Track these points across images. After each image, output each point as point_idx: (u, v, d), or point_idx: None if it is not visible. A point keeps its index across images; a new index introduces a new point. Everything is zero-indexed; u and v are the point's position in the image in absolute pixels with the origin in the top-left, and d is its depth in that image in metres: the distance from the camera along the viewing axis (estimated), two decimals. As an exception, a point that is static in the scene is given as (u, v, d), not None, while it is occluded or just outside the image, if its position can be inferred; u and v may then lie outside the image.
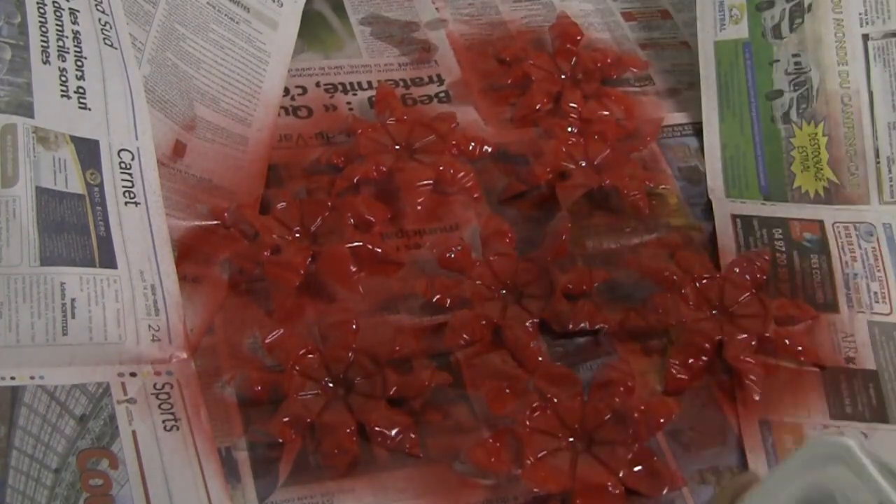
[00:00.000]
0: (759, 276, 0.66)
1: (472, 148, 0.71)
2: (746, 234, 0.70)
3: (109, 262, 0.59)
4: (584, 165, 0.71)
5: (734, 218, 0.70)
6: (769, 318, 0.63)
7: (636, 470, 0.56)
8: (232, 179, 0.68)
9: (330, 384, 0.59)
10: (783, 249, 0.69)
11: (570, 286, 0.64)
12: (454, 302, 0.63)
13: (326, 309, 0.63)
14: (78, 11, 0.65)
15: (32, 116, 0.60)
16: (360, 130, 0.70)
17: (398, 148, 0.70)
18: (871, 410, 0.61)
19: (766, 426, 0.60)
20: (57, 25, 0.63)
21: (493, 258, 0.65)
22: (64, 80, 0.62)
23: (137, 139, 0.64)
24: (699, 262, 0.67)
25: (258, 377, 0.58)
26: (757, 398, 0.61)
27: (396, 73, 0.78)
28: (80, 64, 0.63)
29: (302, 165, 0.70)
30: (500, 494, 0.56)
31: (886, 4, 0.73)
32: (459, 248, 0.65)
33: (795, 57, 0.74)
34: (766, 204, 0.71)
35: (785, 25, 0.75)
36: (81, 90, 0.63)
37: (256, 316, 0.62)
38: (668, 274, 0.65)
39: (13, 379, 0.54)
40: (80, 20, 0.64)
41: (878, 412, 0.61)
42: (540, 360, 0.61)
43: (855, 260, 0.68)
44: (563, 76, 0.77)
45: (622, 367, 0.60)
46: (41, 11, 0.63)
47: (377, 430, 0.57)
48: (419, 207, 0.68)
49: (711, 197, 0.72)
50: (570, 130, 0.73)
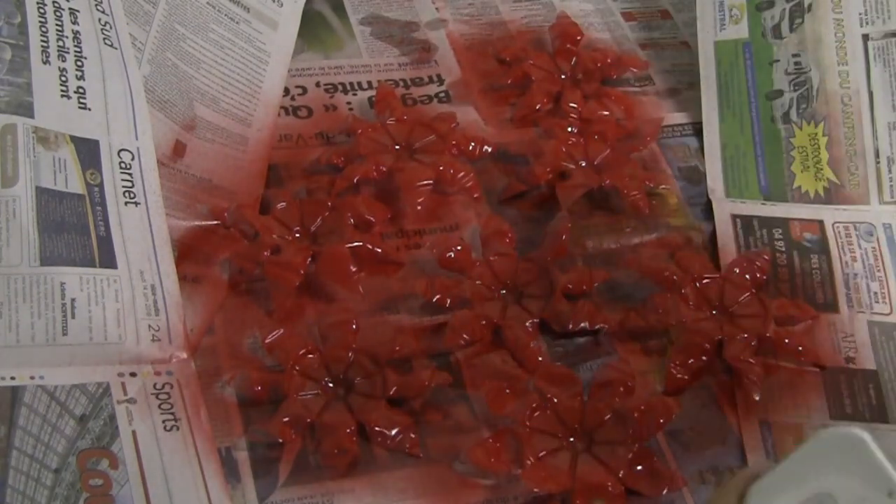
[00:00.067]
0: (759, 276, 0.66)
1: (472, 148, 0.71)
2: (746, 234, 0.70)
3: (109, 262, 0.59)
4: (584, 165, 0.71)
5: (734, 218, 0.70)
6: (769, 318, 0.63)
7: (636, 470, 0.56)
8: (232, 179, 0.68)
9: (330, 384, 0.59)
10: (783, 249, 0.69)
11: (570, 286, 0.64)
12: (454, 302, 0.63)
13: (326, 309, 0.63)
14: (78, 11, 0.65)
15: (32, 116, 0.60)
16: (360, 130, 0.70)
17: (398, 148, 0.70)
18: (871, 410, 0.61)
19: (766, 426, 0.60)
20: (57, 25, 0.63)
21: (493, 258, 0.65)
22: (64, 80, 0.62)
23: (137, 139, 0.64)
24: (699, 262, 0.67)
25: (258, 377, 0.58)
26: (757, 398, 0.61)
27: (396, 73, 0.78)
28: (80, 64, 0.63)
29: (302, 165, 0.70)
30: (500, 494, 0.56)
31: (886, 4, 0.73)
32: (459, 248, 0.65)
33: (795, 57, 0.74)
34: (766, 204, 0.71)
35: (785, 25, 0.75)
36: (81, 90, 0.63)
37: (256, 316, 0.62)
38: (668, 274, 0.65)
39: (13, 379, 0.54)
40: (80, 20, 0.64)
41: (878, 412, 0.61)
42: (540, 360, 0.61)
43: (855, 260, 0.68)
44: (563, 76, 0.77)
45: (622, 367, 0.60)
46: (41, 11, 0.63)
47: (377, 430, 0.57)
48: (419, 207, 0.68)
49: (711, 197, 0.72)
50: (570, 130, 0.73)
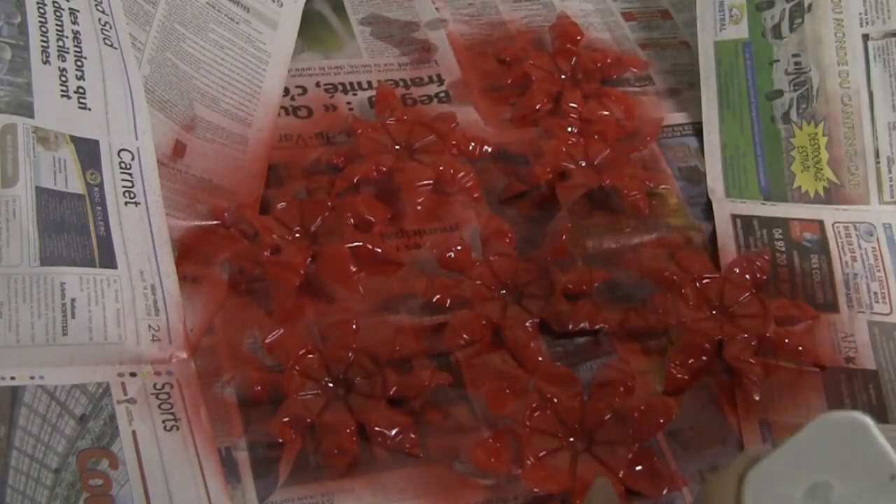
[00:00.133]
0: (759, 276, 0.66)
1: (472, 148, 0.71)
2: (746, 234, 0.70)
3: (109, 262, 0.59)
4: (584, 165, 0.71)
5: (734, 218, 0.70)
6: (769, 318, 0.63)
7: (636, 470, 0.56)
8: (232, 179, 0.68)
9: (330, 384, 0.59)
10: (783, 249, 0.69)
11: (570, 286, 0.64)
12: (454, 302, 0.63)
13: (326, 309, 0.63)
14: (78, 11, 0.65)
15: (32, 116, 0.60)
16: (360, 130, 0.70)
17: (398, 148, 0.70)
18: (871, 410, 0.61)
19: (766, 426, 0.60)
20: (57, 25, 0.63)
21: (493, 258, 0.65)
22: (64, 80, 0.62)
23: (137, 139, 0.64)
24: (699, 262, 0.67)
25: (258, 377, 0.58)
26: (757, 398, 0.61)
27: (396, 73, 0.78)
28: (80, 64, 0.63)
29: (302, 165, 0.70)
30: (500, 494, 0.56)
31: (886, 4, 0.73)
32: (459, 248, 0.65)
33: (795, 57, 0.74)
34: (766, 204, 0.71)
35: (785, 25, 0.75)
36: (81, 90, 0.63)
37: (256, 316, 0.62)
38: (668, 274, 0.65)
39: (13, 379, 0.54)
40: (80, 20, 0.64)
41: (878, 412, 0.61)
42: (540, 360, 0.61)
43: (855, 260, 0.68)
44: (563, 76, 0.77)
45: (622, 367, 0.60)
46: (41, 11, 0.63)
47: (377, 430, 0.57)
48: (419, 207, 0.68)
49: (711, 197, 0.72)
50: (570, 130, 0.73)
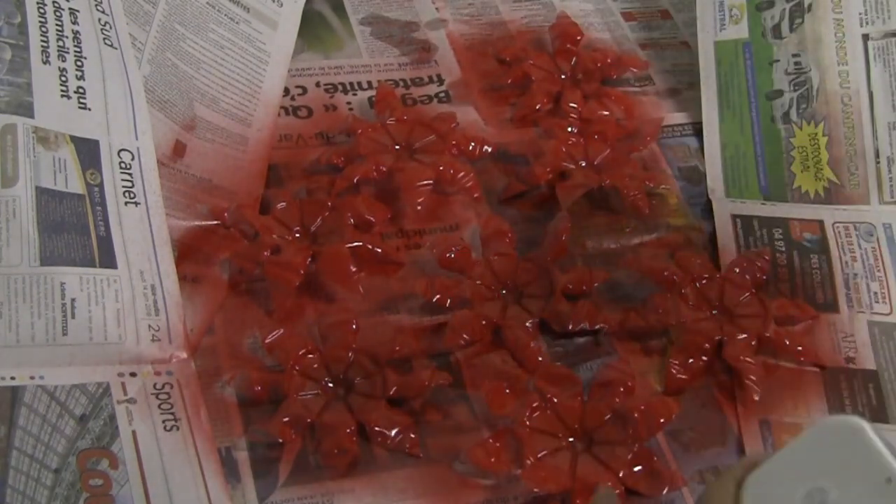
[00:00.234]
0: (759, 276, 0.66)
1: (472, 148, 0.71)
2: (746, 234, 0.69)
3: (109, 262, 0.59)
4: (584, 165, 0.71)
5: (734, 218, 0.70)
6: (769, 318, 0.63)
7: (636, 470, 0.56)
8: (232, 179, 0.68)
9: (330, 384, 0.59)
10: (783, 249, 0.69)
11: (570, 286, 0.64)
12: (454, 302, 0.63)
13: (326, 309, 0.63)
14: (78, 11, 0.65)
15: (32, 116, 0.60)
16: (360, 130, 0.70)
17: (398, 148, 0.70)
18: (871, 410, 0.61)
19: (766, 426, 0.60)
20: (57, 25, 0.63)
21: (493, 258, 0.65)
22: (64, 80, 0.62)
23: (137, 139, 0.64)
24: (699, 262, 0.67)
25: (258, 377, 0.58)
26: (757, 398, 0.61)
27: (396, 73, 0.77)
28: (80, 64, 0.63)
29: (302, 165, 0.70)
30: (500, 494, 0.56)
31: (886, 4, 0.73)
32: (459, 248, 0.65)
33: (795, 57, 0.74)
34: (766, 204, 0.71)
35: (785, 25, 0.75)
36: (81, 90, 0.63)
37: (256, 316, 0.62)
38: (668, 274, 0.65)
39: (13, 379, 0.54)
40: (80, 20, 0.64)
41: (878, 412, 0.61)
42: (540, 360, 0.61)
43: (855, 260, 0.68)
44: (563, 76, 0.77)
45: (622, 367, 0.60)
46: (41, 11, 0.63)
47: (377, 430, 0.57)
48: (419, 207, 0.68)
49: (711, 197, 0.72)
50: (570, 130, 0.73)
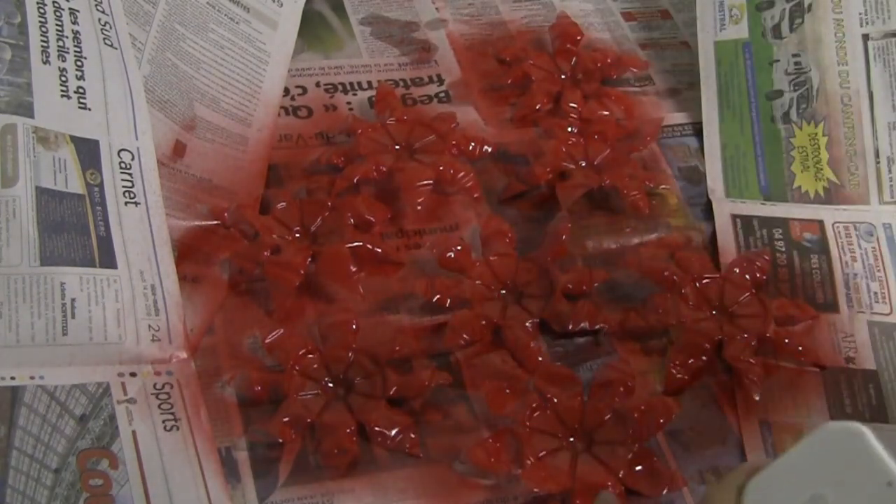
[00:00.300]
0: (759, 276, 0.66)
1: (472, 148, 0.71)
2: (746, 234, 0.70)
3: (109, 262, 0.59)
4: (584, 165, 0.71)
5: (734, 218, 0.70)
6: (769, 318, 0.63)
7: (636, 470, 0.56)
8: (232, 179, 0.68)
9: (330, 384, 0.59)
10: (783, 249, 0.69)
11: (570, 286, 0.64)
12: (454, 302, 0.63)
13: (326, 309, 0.63)
14: (78, 11, 0.65)
15: (32, 116, 0.60)
16: (360, 130, 0.70)
17: (398, 148, 0.70)
18: (871, 410, 0.61)
19: (766, 426, 0.60)
20: (57, 25, 0.63)
21: (493, 258, 0.65)
22: (64, 80, 0.62)
23: (137, 139, 0.64)
24: (699, 262, 0.67)
25: (258, 377, 0.58)
26: (757, 398, 0.61)
27: (396, 73, 0.77)
28: (80, 64, 0.63)
29: (302, 165, 0.70)
30: (500, 494, 0.56)
31: (886, 4, 0.73)
32: (459, 248, 0.65)
33: (795, 57, 0.74)
34: (766, 204, 0.71)
35: (785, 25, 0.75)
36: (81, 90, 0.63)
37: (256, 316, 0.62)
38: (668, 274, 0.65)
39: (13, 379, 0.54)
40: (80, 20, 0.64)
41: (878, 412, 0.61)
42: (540, 360, 0.61)
43: (855, 260, 0.68)
44: (563, 76, 0.77)
45: (622, 367, 0.60)
46: (41, 11, 0.63)
47: (377, 430, 0.57)
48: (419, 207, 0.68)
49: (711, 197, 0.72)
50: (570, 130, 0.73)
